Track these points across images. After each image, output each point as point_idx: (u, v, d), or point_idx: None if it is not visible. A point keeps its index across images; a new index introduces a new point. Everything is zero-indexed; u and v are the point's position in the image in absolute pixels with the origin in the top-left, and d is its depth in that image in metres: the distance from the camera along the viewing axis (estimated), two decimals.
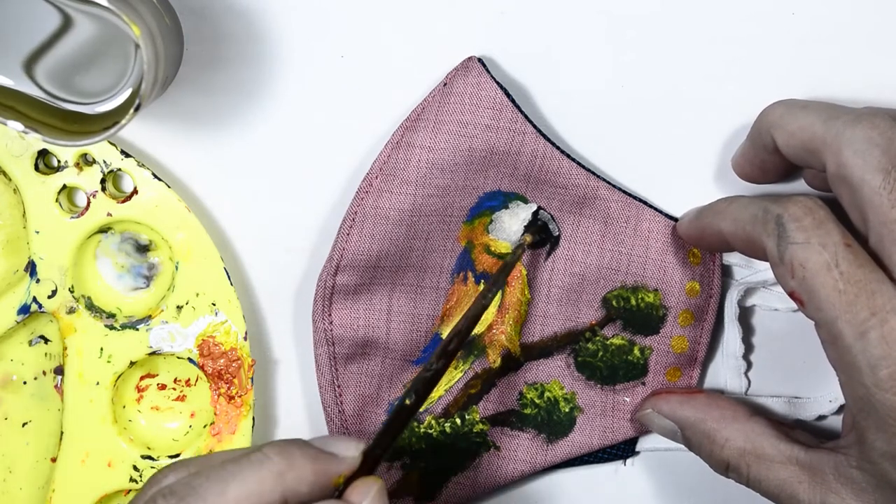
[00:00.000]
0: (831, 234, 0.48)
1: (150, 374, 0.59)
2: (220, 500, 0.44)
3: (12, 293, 0.57)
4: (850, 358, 0.47)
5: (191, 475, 0.45)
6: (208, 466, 0.45)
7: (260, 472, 0.44)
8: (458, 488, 0.58)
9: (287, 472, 0.45)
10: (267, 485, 0.44)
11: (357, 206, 0.56)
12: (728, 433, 0.53)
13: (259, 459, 0.45)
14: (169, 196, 0.56)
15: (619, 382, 0.57)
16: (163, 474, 0.46)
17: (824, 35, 0.56)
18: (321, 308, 0.56)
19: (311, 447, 0.46)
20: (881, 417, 0.47)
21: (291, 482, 0.45)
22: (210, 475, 0.44)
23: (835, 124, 0.49)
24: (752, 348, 0.59)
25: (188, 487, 0.44)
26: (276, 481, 0.44)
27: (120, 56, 0.50)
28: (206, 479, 0.44)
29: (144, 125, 0.58)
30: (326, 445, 0.47)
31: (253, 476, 0.44)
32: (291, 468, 0.45)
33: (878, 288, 0.46)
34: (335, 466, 0.46)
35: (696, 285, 0.56)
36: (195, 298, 0.57)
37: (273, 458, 0.45)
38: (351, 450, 0.47)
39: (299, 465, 0.45)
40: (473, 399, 0.58)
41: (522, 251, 0.56)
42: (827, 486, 0.50)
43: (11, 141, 0.56)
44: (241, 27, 0.57)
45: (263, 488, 0.44)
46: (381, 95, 0.57)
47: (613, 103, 0.57)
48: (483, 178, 0.56)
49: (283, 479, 0.45)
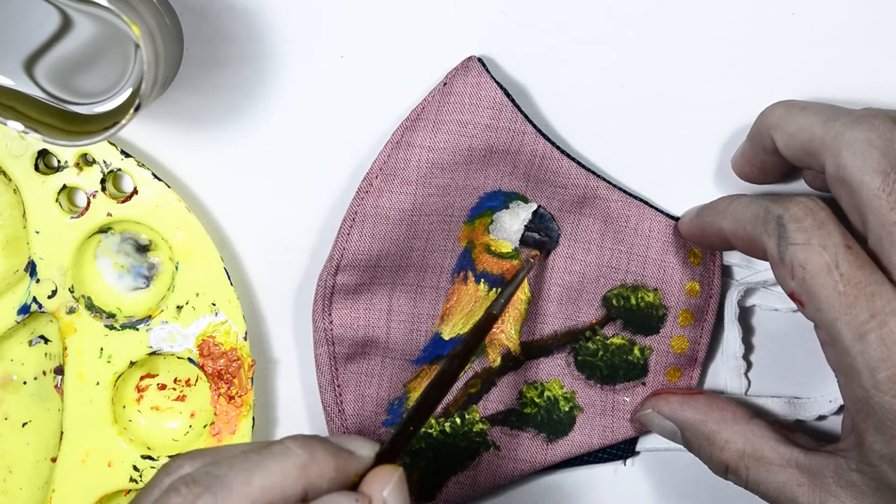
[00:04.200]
0: (832, 236, 0.47)
1: (150, 374, 0.59)
2: (245, 489, 0.43)
3: (12, 293, 0.57)
4: (850, 360, 0.47)
5: (212, 464, 0.45)
6: (228, 456, 0.45)
7: (284, 464, 0.44)
8: (458, 488, 0.58)
9: (310, 466, 0.45)
10: (291, 477, 0.44)
11: (357, 206, 0.56)
12: (728, 435, 0.53)
13: (282, 451, 0.45)
14: (169, 196, 0.56)
15: (619, 382, 0.57)
16: (177, 464, 0.46)
17: (824, 35, 0.56)
18: (321, 308, 0.56)
19: (331, 443, 0.46)
20: (880, 420, 0.47)
21: (313, 476, 0.45)
22: (234, 465, 0.44)
23: (834, 126, 0.49)
24: (752, 348, 0.59)
25: (212, 476, 0.44)
26: (300, 474, 0.44)
27: (120, 56, 0.50)
28: (229, 469, 0.44)
29: (144, 125, 0.58)
30: (343, 443, 0.47)
31: (277, 467, 0.44)
32: (314, 462, 0.45)
33: (877, 290, 0.46)
34: (353, 464, 0.46)
35: (696, 285, 0.56)
36: (195, 298, 0.57)
37: (296, 450, 0.45)
38: (366, 449, 0.47)
39: (321, 459, 0.45)
40: (473, 398, 0.58)
41: (531, 267, 0.56)
42: (826, 489, 0.50)
43: (11, 141, 0.56)
44: (241, 27, 0.57)
45: (287, 480, 0.44)
46: (381, 95, 0.57)
47: (613, 103, 0.57)
48: (483, 178, 0.56)
49: (305, 473, 0.45)
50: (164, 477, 0.45)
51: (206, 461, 0.45)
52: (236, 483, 0.44)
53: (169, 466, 0.46)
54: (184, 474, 0.45)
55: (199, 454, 0.46)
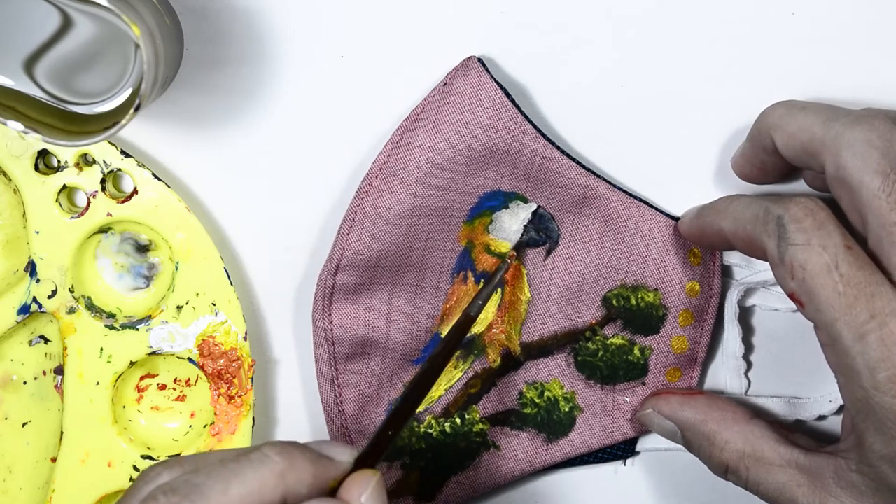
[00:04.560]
0: (832, 236, 0.47)
1: (150, 375, 0.59)
2: (223, 498, 0.43)
3: (12, 293, 0.57)
4: (849, 360, 0.47)
5: (190, 473, 0.45)
6: (207, 464, 0.45)
7: (261, 472, 0.44)
8: (458, 488, 0.58)
9: (288, 473, 0.45)
10: (269, 484, 0.44)
11: (357, 206, 0.56)
12: (728, 435, 0.53)
13: (260, 459, 0.45)
14: (169, 196, 0.56)
15: (619, 382, 0.57)
16: (155, 472, 0.46)
17: (824, 35, 0.56)
18: (321, 308, 0.56)
19: (309, 449, 0.46)
20: (880, 420, 0.47)
21: (292, 483, 0.45)
22: (211, 473, 0.44)
23: (834, 126, 0.49)
24: (752, 348, 0.59)
25: (189, 485, 0.44)
26: (278, 481, 0.44)
27: (120, 56, 0.50)
28: (207, 477, 0.44)
29: (144, 125, 0.58)
30: (322, 449, 0.47)
31: (254, 475, 0.44)
32: (292, 469, 0.45)
33: (877, 291, 0.46)
34: (332, 470, 0.46)
35: (697, 285, 0.56)
36: (195, 298, 0.57)
37: (274, 458, 0.45)
38: (345, 455, 0.47)
39: (299, 466, 0.45)
40: (473, 399, 0.58)
41: (508, 267, 0.56)
42: (826, 489, 0.50)
43: (11, 141, 0.56)
44: (241, 27, 0.57)
45: (265, 488, 0.44)
46: (381, 95, 0.57)
47: (613, 103, 0.57)
48: (483, 178, 0.56)
49: (283, 480, 0.45)
50: (143, 485, 0.45)
51: (184, 469, 0.45)
52: (214, 492, 0.43)
53: (147, 475, 0.46)
54: (162, 483, 0.45)
55: (177, 462, 0.46)
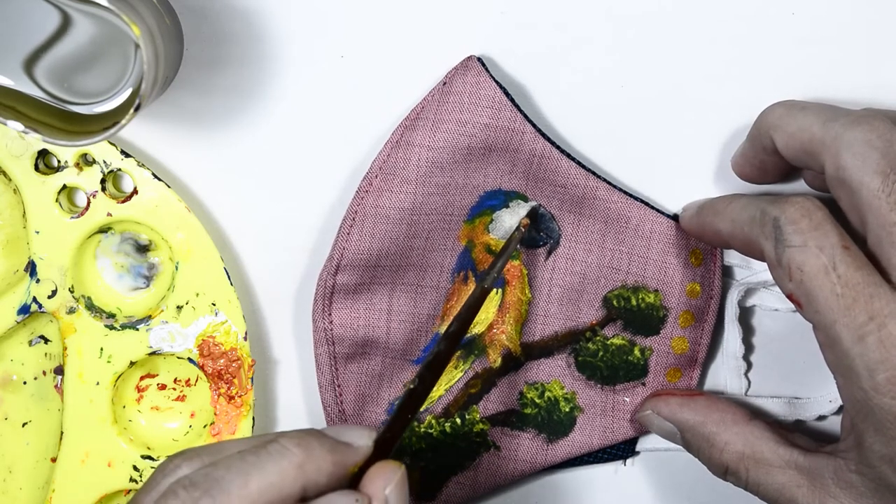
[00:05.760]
0: (829, 237, 0.47)
1: (150, 374, 0.59)
2: (243, 491, 0.43)
3: (12, 293, 0.57)
4: (848, 362, 0.47)
5: (209, 466, 0.45)
6: (225, 457, 0.45)
7: (281, 464, 0.44)
8: (458, 488, 0.58)
9: (307, 464, 0.45)
10: (288, 477, 0.44)
11: (357, 206, 0.56)
12: (727, 437, 0.53)
13: (279, 451, 0.45)
14: (169, 196, 0.56)
15: (619, 382, 0.57)
16: (174, 464, 0.46)
17: (824, 35, 0.56)
18: (321, 308, 0.56)
19: (327, 437, 0.46)
20: (879, 421, 0.47)
21: (311, 473, 0.45)
22: (231, 466, 0.44)
23: (833, 126, 0.49)
24: (752, 349, 0.59)
25: (210, 479, 0.44)
26: (297, 473, 0.44)
27: (120, 56, 0.50)
28: (226, 471, 0.44)
29: (144, 125, 0.58)
30: (340, 435, 0.47)
31: (274, 468, 0.44)
32: (311, 459, 0.45)
33: (876, 292, 0.46)
34: (351, 456, 0.46)
35: (697, 286, 0.56)
36: (195, 298, 0.57)
37: (293, 449, 0.45)
38: (364, 438, 0.47)
39: (318, 456, 0.45)
40: (474, 399, 0.58)
41: (522, 235, 0.55)
42: (826, 490, 0.50)
43: (11, 141, 0.56)
44: (241, 27, 0.57)
45: (285, 480, 0.44)
46: (381, 95, 0.57)
47: (613, 103, 0.57)
48: (483, 177, 0.56)
49: (303, 471, 0.45)
50: (162, 478, 0.45)
51: (203, 462, 0.45)
52: (234, 486, 0.44)
53: (166, 467, 0.46)
54: (181, 476, 0.45)
55: (195, 454, 0.46)
